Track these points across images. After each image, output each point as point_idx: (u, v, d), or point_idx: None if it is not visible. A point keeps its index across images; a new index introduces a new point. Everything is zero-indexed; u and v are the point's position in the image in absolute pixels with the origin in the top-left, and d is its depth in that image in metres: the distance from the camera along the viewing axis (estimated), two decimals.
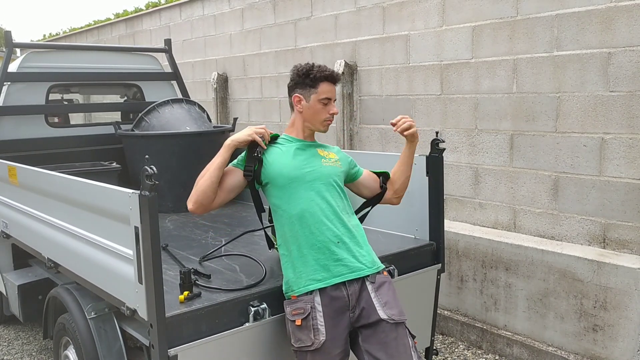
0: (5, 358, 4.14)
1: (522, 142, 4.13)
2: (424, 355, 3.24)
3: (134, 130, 4.42)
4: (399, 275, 2.87)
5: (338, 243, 2.37)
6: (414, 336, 2.39)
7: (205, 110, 4.81)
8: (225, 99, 7.26)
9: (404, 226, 3.21)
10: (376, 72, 5.20)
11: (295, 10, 6.04)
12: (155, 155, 3.61)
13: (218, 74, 7.22)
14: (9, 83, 4.50)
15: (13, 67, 4.64)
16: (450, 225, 4.37)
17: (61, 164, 4.21)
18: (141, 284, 2.15)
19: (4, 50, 4.67)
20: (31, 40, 13.48)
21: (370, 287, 2.37)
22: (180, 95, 5.28)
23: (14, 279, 3.91)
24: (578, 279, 3.67)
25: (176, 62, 5.40)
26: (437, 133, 3.10)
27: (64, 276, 3.12)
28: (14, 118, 4.50)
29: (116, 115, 5.40)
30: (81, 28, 11.18)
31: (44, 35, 14.93)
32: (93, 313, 2.73)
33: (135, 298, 2.23)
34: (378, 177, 2.80)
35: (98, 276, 2.62)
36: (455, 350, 4.17)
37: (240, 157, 2.57)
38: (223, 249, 3.08)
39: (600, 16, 3.64)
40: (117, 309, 2.50)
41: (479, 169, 4.44)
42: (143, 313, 2.18)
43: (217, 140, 4.40)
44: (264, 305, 2.38)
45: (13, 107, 4.50)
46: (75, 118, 6.78)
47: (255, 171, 2.49)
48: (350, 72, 5.35)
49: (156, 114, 4.44)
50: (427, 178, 3.08)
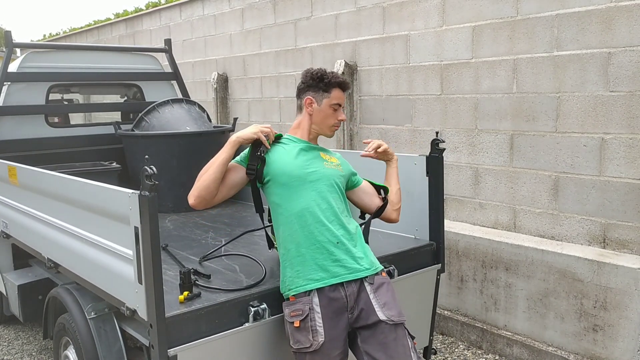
0: (5, 358, 4.14)
1: (522, 142, 4.13)
2: (423, 354, 3.24)
3: (134, 130, 4.42)
4: (399, 276, 2.87)
5: (337, 244, 2.37)
6: (413, 337, 2.39)
7: (205, 110, 4.81)
8: (225, 99, 7.26)
9: (404, 226, 3.20)
10: (376, 72, 5.19)
11: (295, 10, 6.04)
12: (155, 155, 3.62)
13: (218, 74, 7.22)
14: (9, 83, 4.50)
15: (13, 67, 4.64)
16: (450, 225, 4.37)
17: (61, 164, 4.21)
18: (141, 284, 2.15)
19: (4, 50, 4.67)
20: (31, 40, 13.48)
21: (369, 288, 2.37)
22: (180, 95, 5.28)
23: (14, 279, 3.91)
24: (578, 279, 3.67)
25: (176, 62, 5.40)
26: (437, 133, 3.11)
27: (64, 276, 3.12)
28: (14, 118, 4.51)
29: (116, 115, 5.40)
30: (81, 28, 11.18)
31: (44, 35, 14.94)
32: (93, 313, 2.73)
33: (135, 298, 2.23)
34: (377, 190, 2.78)
35: (98, 276, 2.62)
36: (455, 350, 4.17)
37: (243, 154, 2.57)
38: (223, 249, 3.08)
39: (601, 16, 3.64)
40: (117, 309, 2.50)
41: (479, 169, 4.44)
42: (143, 313, 2.18)
43: (217, 140, 4.41)
44: (264, 306, 2.38)
45: (13, 107, 4.50)
46: (75, 118, 6.78)
47: (258, 170, 2.49)
48: (350, 72, 5.35)
49: (156, 114, 4.45)
50: (427, 178, 3.08)
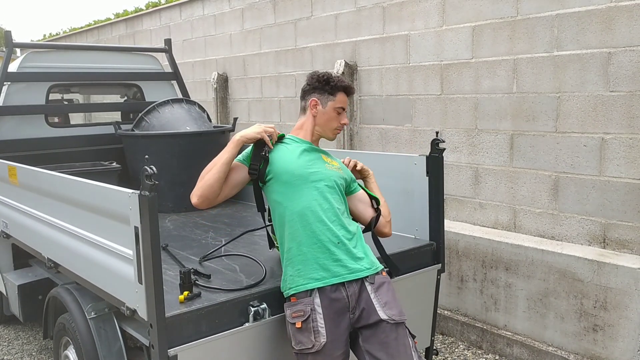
0: (5, 358, 4.14)
1: (522, 142, 4.13)
2: (424, 355, 3.24)
3: (134, 130, 4.42)
4: (399, 275, 2.87)
5: (338, 244, 2.37)
6: (414, 336, 2.39)
7: (205, 110, 4.81)
8: (225, 99, 7.26)
9: (404, 226, 3.20)
10: (376, 72, 5.19)
11: (295, 10, 6.04)
12: (155, 155, 3.62)
13: (218, 73, 7.22)
14: (9, 83, 4.50)
15: (13, 67, 4.64)
16: (450, 225, 4.37)
17: (61, 164, 4.21)
18: (141, 284, 2.15)
19: (4, 50, 4.67)
20: (31, 40, 13.49)
21: (369, 288, 2.37)
22: (180, 95, 5.28)
23: (14, 279, 3.91)
24: (578, 279, 3.66)
25: (176, 62, 5.40)
26: (437, 133, 3.10)
27: (64, 276, 3.12)
28: (14, 118, 4.51)
29: (116, 115, 5.40)
30: (81, 28, 11.18)
31: (44, 35, 14.93)
32: (93, 313, 2.73)
33: (135, 298, 2.23)
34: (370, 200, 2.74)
35: (98, 276, 2.62)
36: (456, 350, 4.17)
37: (246, 153, 2.57)
38: (223, 249, 3.08)
39: (601, 16, 3.63)
40: (117, 309, 2.50)
41: (479, 169, 4.44)
42: (143, 313, 2.18)
43: (217, 140, 4.41)
44: (264, 306, 2.38)
45: (13, 107, 4.50)
46: (75, 118, 6.78)
47: (260, 170, 2.50)
48: (350, 72, 5.35)
49: (156, 114, 4.45)
50: (427, 178, 3.08)
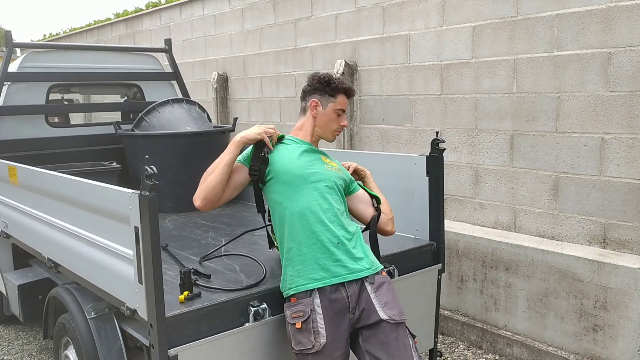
0: (5, 358, 4.14)
1: (522, 142, 4.13)
2: (428, 357, 3.23)
3: (134, 130, 4.42)
4: (399, 276, 2.87)
5: (338, 244, 2.37)
6: (414, 336, 2.39)
7: (205, 110, 4.81)
8: (225, 99, 7.26)
9: (404, 226, 3.20)
10: (376, 72, 5.19)
11: (295, 10, 6.04)
12: (155, 155, 3.61)
13: (218, 73, 7.22)
14: (9, 83, 4.50)
15: (13, 67, 4.64)
16: (450, 225, 4.37)
17: (61, 164, 4.21)
18: (141, 284, 2.15)
19: (4, 50, 4.67)
20: (31, 40, 13.48)
21: (369, 288, 2.37)
22: (180, 95, 5.28)
23: (14, 279, 3.91)
24: (578, 279, 3.66)
25: (176, 62, 5.40)
26: (437, 133, 3.10)
27: (64, 276, 3.12)
28: (14, 118, 4.51)
29: (116, 115, 5.40)
30: (81, 28, 11.18)
31: (44, 35, 14.93)
32: (93, 313, 2.73)
33: (135, 298, 2.23)
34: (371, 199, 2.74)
35: (98, 276, 2.62)
36: (456, 350, 4.17)
37: (246, 153, 2.57)
38: (223, 249, 3.08)
39: (601, 16, 3.63)
40: (117, 309, 2.50)
41: (479, 169, 4.44)
42: (143, 313, 2.18)
43: (217, 140, 4.41)
44: (264, 306, 2.38)
45: (13, 107, 4.50)
46: (75, 118, 6.78)
47: (260, 170, 2.50)
48: (350, 72, 5.35)
49: (156, 114, 4.45)
50: (427, 178, 3.08)
